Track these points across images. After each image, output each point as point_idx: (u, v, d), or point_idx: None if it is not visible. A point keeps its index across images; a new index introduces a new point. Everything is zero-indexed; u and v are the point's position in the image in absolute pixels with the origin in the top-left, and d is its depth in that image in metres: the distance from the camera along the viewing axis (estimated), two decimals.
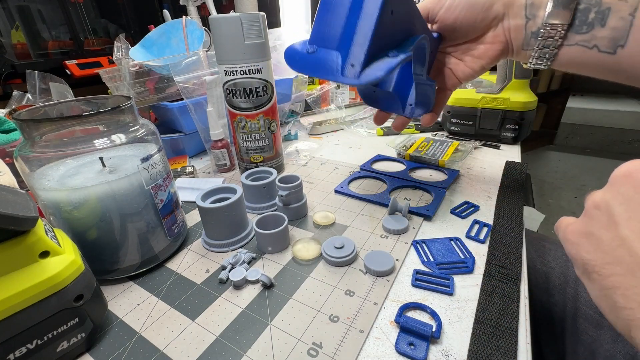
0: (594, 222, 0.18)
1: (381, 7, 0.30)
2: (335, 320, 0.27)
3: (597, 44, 0.29)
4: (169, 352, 0.25)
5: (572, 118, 2.52)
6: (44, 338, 0.23)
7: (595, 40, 0.29)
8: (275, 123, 0.51)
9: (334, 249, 0.33)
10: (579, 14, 0.29)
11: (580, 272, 0.19)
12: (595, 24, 0.29)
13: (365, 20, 0.31)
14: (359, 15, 0.31)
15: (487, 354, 0.24)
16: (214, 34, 0.44)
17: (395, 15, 0.32)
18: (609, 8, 0.28)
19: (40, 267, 0.22)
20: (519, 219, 0.39)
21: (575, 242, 0.19)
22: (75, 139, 0.28)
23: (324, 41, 0.33)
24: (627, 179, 0.17)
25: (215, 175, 0.55)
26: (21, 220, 0.20)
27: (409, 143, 0.59)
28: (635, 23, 0.27)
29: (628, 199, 0.17)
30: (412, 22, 0.35)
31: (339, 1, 0.32)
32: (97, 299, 0.26)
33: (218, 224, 0.36)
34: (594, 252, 0.18)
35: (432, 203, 0.42)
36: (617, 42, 0.28)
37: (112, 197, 0.29)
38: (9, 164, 0.33)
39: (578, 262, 0.19)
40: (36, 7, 1.20)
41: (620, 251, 0.16)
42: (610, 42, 0.29)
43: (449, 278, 0.30)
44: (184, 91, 0.53)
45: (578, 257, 0.19)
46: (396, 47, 0.34)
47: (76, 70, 1.11)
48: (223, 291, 0.31)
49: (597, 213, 0.18)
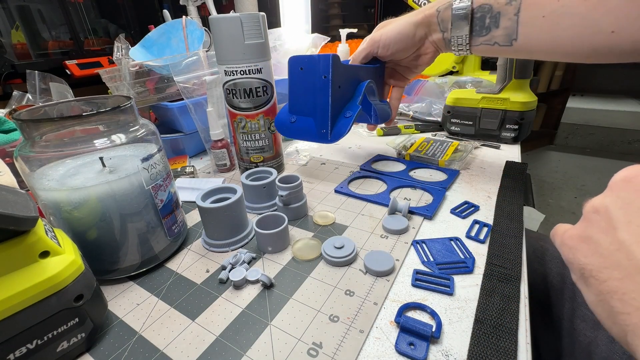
0: (593, 226, 0.18)
1: (330, 91, 0.41)
2: (335, 320, 0.27)
3: (496, 41, 0.38)
4: (169, 352, 0.25)
5: (572, 118, 2.52)
6: (44, 338, 0.23)
7: (494, 39, 0.38)
8: None
9: (334, 249, 0.33)
10: (477, 21, 0.38)
11: (577, 277, 0.19)
12: (492, 27, 0.38)
13: (323, 99, 0.42)
14: (318, 94, 0.42)
15: (487, 354, 0.24)
16: (214, 34, 0.44)
17: (342, 87, 0.44)
18: (499, 12, 0.37)
19: (40, 267, 0.22)
20: (519, 219, 0.39)
21: (572, 247, 0.19)
22: (75, 139, 0.28)
23: (299, 112, 0.46)
24: (627, 184, 0.17)
25: (215, 175, 0.55)
26: (21, 220, 0.20)
27: (409, 143, 0.59)
28: (520, 21, 0.35)
29: (627, 203, 0.17)
30: (357, 76, 0.47)
31: (302, 84, 0.44)
32: (97, 299, 0.26)
33: (218, 224, 0.36)
34: (591, 256, 0.17)
35: (432, 203, 0.42)
36: (511, 37, 0.37)
37: (112, 197, 0.29)
38: (9, 164, 0.33)
39: (575, 267, 0.19)
40: (36, 7, 1.20)
41: (619, 255, 0.16)
42: (506, 38, 0.37)
43: (449, 278, 0.30)
44: (184, 91, 0.53)
45: (575, 261, 0.19)
46: (352, 97, 0.46)
47: (76, 70, 1.11)
48: (223, 291, 0.31)
49: (596, 217, 0.18)
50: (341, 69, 0.43)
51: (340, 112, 0.44)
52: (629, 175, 0.17)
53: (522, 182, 0.46)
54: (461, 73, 0.95)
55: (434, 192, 0.44)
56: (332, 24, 2.47)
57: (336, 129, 0.43)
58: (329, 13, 2.50)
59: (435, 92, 0.81)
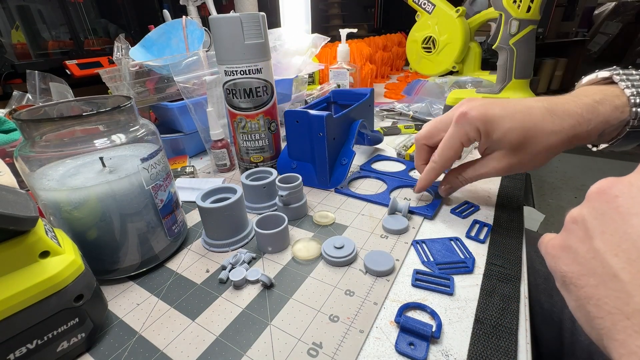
0: (572, 235, 0.19)
1: (326, 145, 0.44)
2: (335, 320, 0.27)
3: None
4: (169, 352, 0.25)
5: None
6: (44, 338, 0.23)
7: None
8: (275, 123, 0.51)
9: (334, 249, 0.33)
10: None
11: (559, 285, 0.20)
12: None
13: (320, 151, 0.46)
14: (315, 146, 0.46)
15: (487, 354, 0.24)
16: (214, 34, 0.44)
17: (336, 138, 0.47)
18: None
19: (40, 267, 0.22)
20: (519, 219, 0.39)
21: (555, 255, 0.20)
22: (75, 139, 0.28)
23: (298, 158, 0.49)
24: (601, 195, 0.18)
25: (215, 175, 0.55)
26: (21, 220, 0.20)
27: (409, 143, 0.59)
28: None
29: (601, 213, 0.17)
30: (350, 118, 0.51)
31: (299, 134, 0.46)
32: (97, 299, 0.26)
33: (218, 224, 0.36)
34: (571, 264, 0.18)
35: (432, 203, 0.42)
36: None
37: (112, 197, 0.29)
38: (9, 164, 0.33)
39: (557, 275, 0.19)
40: (36, 7, 1.20)
41: (594, 263, 0.17)
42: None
43: (449, 278, 0.30)
44: (184, 91, 0.53)
45: (557, 269, 0.19)
46: (347, 139, 0.50)
47: (76, 70, 1.11)
48: (223, 291, 0.31)
49: (575, 227, 0.19)
50: (335, 123, 0.46)
51: (337, 159, 0.49)
52: (603, 187, 0.18)
53: (522, 182, 0.47)
54: (461, 73, 0.96)
55: (434, 192, 0.44)
56: (332, 24, 2.47)
57: (334, 177, 0.48)
58: (329, 13, 2.50)
59: (435, 92, 0.81)
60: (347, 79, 0.84)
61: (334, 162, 0.48)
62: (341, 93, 0.62)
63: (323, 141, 0.44)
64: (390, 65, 1.39)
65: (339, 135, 0.48)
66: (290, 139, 0.48)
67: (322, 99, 0.59)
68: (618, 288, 0.15)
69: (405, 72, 1.37)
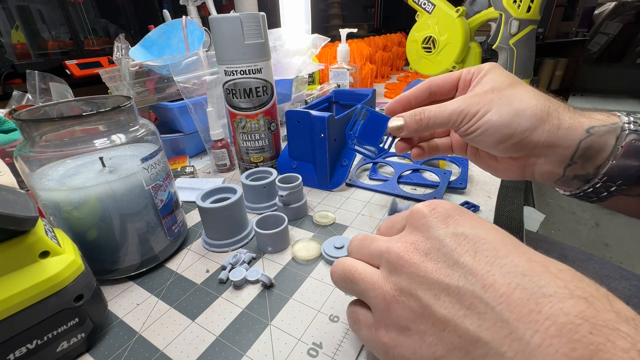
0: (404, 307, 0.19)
1: (327, 146, 0.44)
2: (335, 320, 0.27)
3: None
4: (169, 352, 0.25)
5: None
6: (44, 338, 0.23)
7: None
8: (275, 123, 0.51)
9: (334, 249, 0.33)
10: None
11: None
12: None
13: (321, 152, 0.45)
14: (316, 146, 0.45)
15: None
16: (214, 34, 0.44)
17: (337, 139, 0.47)
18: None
19: (40, 267, 0.22)
20: (519, 219, 0.39)
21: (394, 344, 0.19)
22: (75, 139, 0.28)
23: (299, 157, 0.49)
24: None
25: (215, 175, 0.55)
26: (21, 220, 0.20)
27: None
28: None
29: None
30: (348, 120, 0.47)
31: (300, 134, 0.46)
32: (97, 299, 0.26)
33: (218, 224, 0.36)
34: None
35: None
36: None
37: (112, 197, 0.29)
38: (9, 164, 0.33)
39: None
40: (36, 7, 1.20)
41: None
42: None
43: None
44: (184, 91, 0.53)
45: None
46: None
47: (76, 70, 1.11)
48: (223, 291, 0.31)
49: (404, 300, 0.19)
50: (336, 124, 0.46)
51: (337, 160, 0.48)
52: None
53: (522, 182, 0.47)
54: None
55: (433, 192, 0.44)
56: (332, 24, 2.46)
57: (335, 178, 0.48)
58: (329, 13, 2.50)
59: None
60: (347, 79, 0.84)
61: (334, 163, 0.48)
62: (343, 93, 0.62)
63: (324, 142, 0.44)
64: (390, 65, 1.39)
65: (340, 136, 0.48)
66: (291, 139, 0.48)
67: (323, 99, 0.59)
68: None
69: (405, 72, 1.37)
